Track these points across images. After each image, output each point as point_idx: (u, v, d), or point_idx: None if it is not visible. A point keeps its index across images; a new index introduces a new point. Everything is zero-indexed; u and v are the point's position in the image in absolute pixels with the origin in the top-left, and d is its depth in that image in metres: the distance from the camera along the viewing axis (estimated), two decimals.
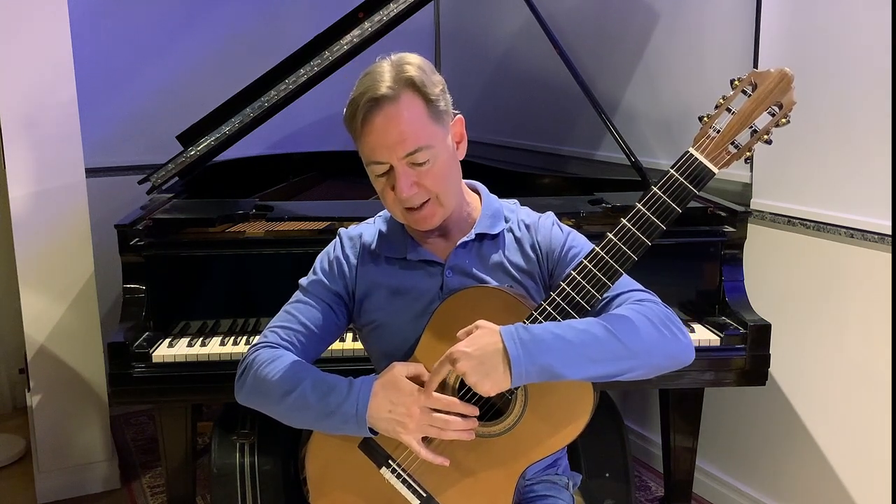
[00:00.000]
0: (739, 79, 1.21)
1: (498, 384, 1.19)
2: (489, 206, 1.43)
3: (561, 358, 1.19)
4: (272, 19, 3.49)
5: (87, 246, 2.63)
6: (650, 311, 1.27)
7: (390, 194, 1.31)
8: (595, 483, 2.02)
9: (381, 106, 1.25)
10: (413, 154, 1.26)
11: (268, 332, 1.39)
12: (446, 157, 1.31)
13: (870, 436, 2.10)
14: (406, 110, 1.25)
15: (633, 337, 1.22)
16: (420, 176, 1.28)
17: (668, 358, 1.27)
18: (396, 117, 1.25)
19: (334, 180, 3.10)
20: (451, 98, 1.33)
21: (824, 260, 2.17)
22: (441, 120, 1.30)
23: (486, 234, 1.40)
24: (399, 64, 1.28)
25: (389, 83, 1.25)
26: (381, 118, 1.25)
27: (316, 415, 1.29)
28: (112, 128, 3.24)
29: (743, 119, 1.19)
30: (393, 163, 1.27)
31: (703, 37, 2.50)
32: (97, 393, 2.72)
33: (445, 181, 1.31)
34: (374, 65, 1.31)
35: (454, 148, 1.34)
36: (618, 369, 1.23)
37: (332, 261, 1.44)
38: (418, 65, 1.29)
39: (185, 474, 2.15)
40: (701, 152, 1.21)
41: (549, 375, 1.20)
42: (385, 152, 1.27)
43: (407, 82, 1.26)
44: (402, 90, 1.25)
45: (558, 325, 1.22)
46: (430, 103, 1.28)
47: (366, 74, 1.29)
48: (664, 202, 1.22)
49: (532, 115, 3.32)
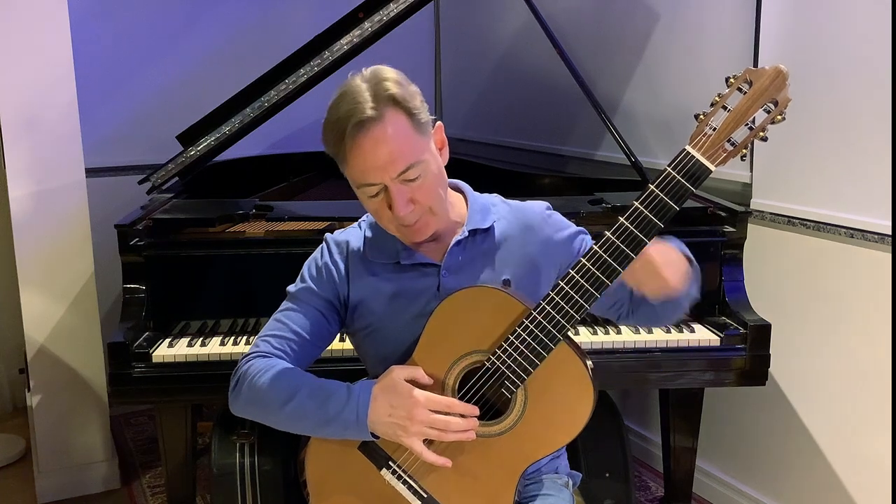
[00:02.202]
0: (735, 76, 1.21)
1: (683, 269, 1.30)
2: (475, 201, 1.43)
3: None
4: (272, 19, 3.49)
5: (87, 246, 2.63)
6: None
7: (386, 213, 1.29)
8: (595, 483, 2.02)
9: (367, 128, 1.22)
10: (405, 172, 1.25)
11: (259, 342, 1.38)
12: (435, 168, 1.30)
13: (870, 436, 2.10)
14: (392, 129, 1.23)
15: None
16: (413, 191, 1.27)
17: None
18: (384, 138, 1.23)
19: (334, 180, 3.10)
20: (427, 105, 1.31)
21: (824, 260, 2.16)
22: (425, 131, 1.29)
23: (478, 230, 1.40)
24: (376, 81, 1.25)
25: (372, 104, 1.22)
26: (368, 141, 1.23)
27: (315, 422, 1.28)
28: (112, 128, 3.24)
29: (739, 116, 1.19)
30: (386, 183, 1.25)
31: (703, 37, 2.50)
32: (97, 393, 2.72)
33: (437, 192, 1.31)
34: (347, 84, 1.27)
35: (439, 156, 1.33)
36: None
37: (320, 267, 1.42)
38: (395, 79, 1.26)
39: (185, 474, 2.15)
40: (697, 150, 1.21)
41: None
42: (377, 174, 1.25)
43: (389, 100, 1.23)
44: (385, 109, 1.23)
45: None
46: (413, 117, 1.26)
47: (341, 95, 1.26)
48: (662, 200, 1.22)
49: (532, 115, 3.32)
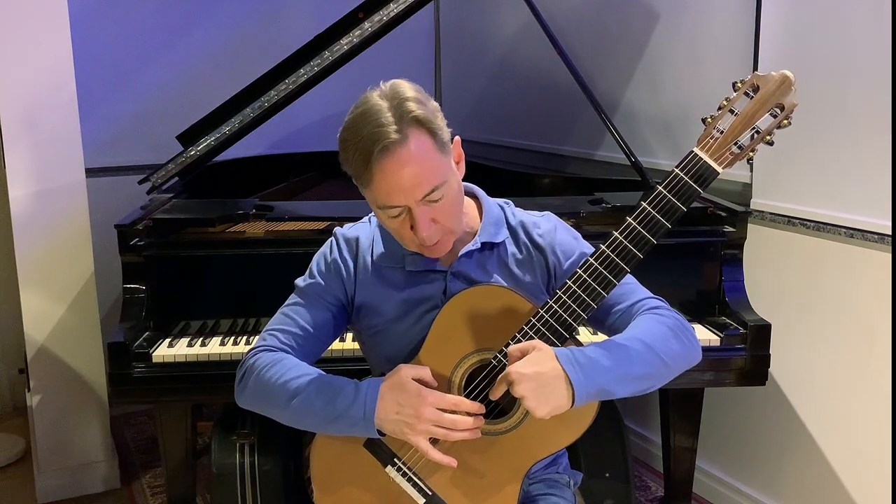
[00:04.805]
0: (742, 81, 1.23)
1: (558, 409, 1.20)
2: (490, 212, 1.41)
3: (614, 378, 1.21)
4: (272, 19, 3.49)
5: (87, 246, 2.63)
6: (669, 320, 1.31)
7: (408, 233, 1.28)
8: (595, 483, 2.03)
9: (392, 151, 1.19)
10: (430, 194, 1.23)
11: (266, 335, 1.38)
12: (455, 186, 1.29)
13: (870, 436, 2.10)
14: (417, 151, 1.20)
15: (667, 350, 1.26)
16: (436, 211, 1.25)
17: (686, 363, 1.31)
18: (409, 161, 1.20)
19: (334, 180, 3.10)
20: (446, 120, 1.28)
21: (824, 260, 2.17)
22: (447, 150, 1.27)
23: (490, 244, 1.39)
24: (397, 100, 1.21)
25: (395, 126, 1.19)
26: (393, 164, 1.20)
27: (322, 418, 1.28)
28: (112, 128, 3.24)
29: (746, 120, 1.21)
30: (410, 205, 1.24)
31: (703, 37, 2.50)
32: (97, 393, 2.72)
33: (457, 210, 1.30)
34: (367, 102, 1.23)
35: (458, 172, 1.32)
36: (652, 383, 1.27)
37: (329, 263, 1.42)
38: (417, 98, 1.23)
39: (185, 474, 2.15)
40: (705, 152, 1.22)
41: (603, 396, 1.22)
42: (402, 197, 1.23)
43: (413, 122, 1.20)
44: (409, 130, 1.20)
45: (604, 345, 1.24)
46: (436, 137, 1.24)
47: (362, 114, 1.22)
48: (669, 201, 1.23)
49: (532, 115, 3.32)
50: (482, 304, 1.30)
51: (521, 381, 1.18)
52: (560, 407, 1.19)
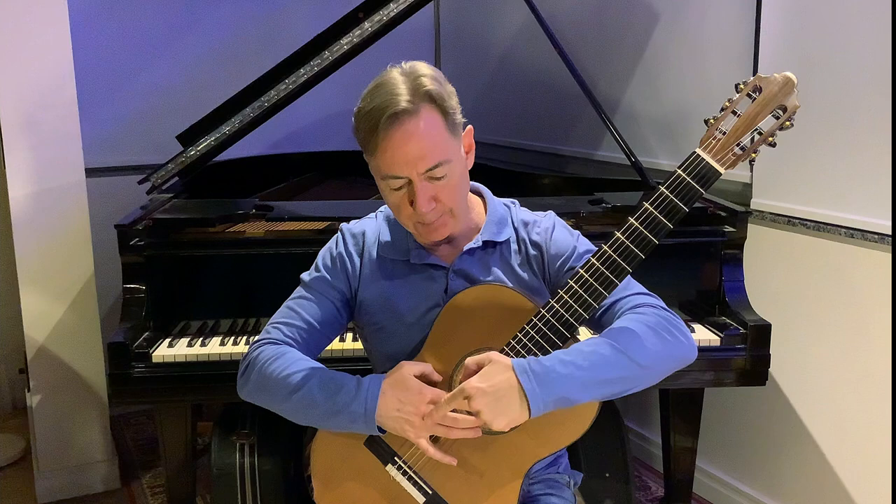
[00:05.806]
0: (745, 82, 1.23)
1: (514, 421, 1.20)
2: (494, 211, 1.42)
3: (575, 385, 1.20)
4: (272, 19, 3.49)
5: (87, 246, 2.63)
6: (650, 317, 1.28)
7: (406, 208, 1.29)
8: (595, 483, 2.02)
9: (402, 121, 1.22)
10: (433, 169, 1.24)
11: (270, 328, 1.39)
12: (460, 170, 1.30)
13: (870, 436, 2.10)
14: (426, 125, 1.23)
15: (640, 351, 1.23)
16: (437, 190, 1.27)
17: (675, 362, 1.29)
18: (417, 133, 1.22)
19: (334, 180, 3.10)
20: (461, 107, 1.31)
21: (824, 260, 2.17)
22: (457, 132, 1.29)
23: (491, 242, 1.39)
24: (414, 76, 1.25)
25: (408, 97, 1.22)
26: (400, 133, 1.22)
27: (323, 413, 1.29)
28: (112, 128, 3.24)
29: (748, 121, 1.22)
30: (412, 177, 1.25)
31: (704, 37, 2.50)
32: (97, 393, 2.72)
33: (459, 194, 1.31)
34: (385, 76, 1.27)
35: (465, 159, 1.33)
36: (628, 385, 1.24)
37: (335, 257, 1.43)
38: (433, 76, 1.26)
39: (185, 474, 2.15)
40: (707, 153, 1.22)
41: (564, 404, 1.21)
42: (405, 168, 1.24)
43: (426, 96, 1.23)
44: (422, 104, 1.23)
45: (567, 352, 1.23)
46: (448, 116, 1.26)
47: (378, 86, 1.25)
48: (671, 202, 1.23)
49: (532, 115, 3.33)
50: (484, 303, 1.31)
51: (476, 396, 1.19)
52: (517, 419, 1.20)
